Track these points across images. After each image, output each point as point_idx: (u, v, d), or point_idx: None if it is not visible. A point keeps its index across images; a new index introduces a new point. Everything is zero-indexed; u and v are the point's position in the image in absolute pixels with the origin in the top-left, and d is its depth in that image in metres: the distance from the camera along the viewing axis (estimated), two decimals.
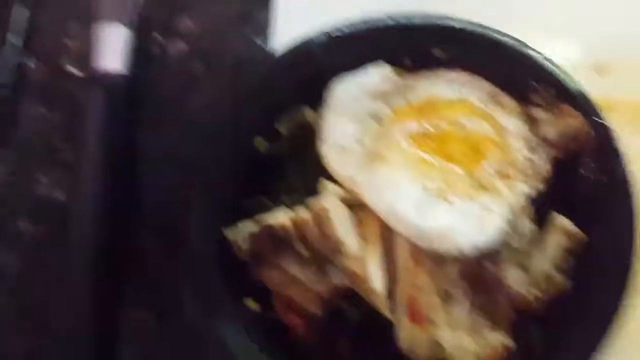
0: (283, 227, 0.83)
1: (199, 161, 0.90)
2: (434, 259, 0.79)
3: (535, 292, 0.83)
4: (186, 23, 1.19)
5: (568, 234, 0.85)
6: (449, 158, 0.82)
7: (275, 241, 0.83)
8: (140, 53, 1.15)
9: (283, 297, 0.84)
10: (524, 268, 0.83)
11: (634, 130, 1.00)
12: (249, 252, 0.85)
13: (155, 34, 1.18)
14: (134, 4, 1.14)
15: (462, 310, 0.80)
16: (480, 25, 0.93)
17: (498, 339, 0.81)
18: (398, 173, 0.81)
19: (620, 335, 0.80)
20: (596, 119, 0.87)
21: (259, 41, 1.16)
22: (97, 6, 1.13)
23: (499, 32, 0.93)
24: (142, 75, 1.14)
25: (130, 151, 1.09)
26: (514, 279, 0.82)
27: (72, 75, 1.16)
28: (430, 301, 0.79)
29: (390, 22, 0.94)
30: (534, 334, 0.84)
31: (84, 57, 1.15)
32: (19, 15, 1.19)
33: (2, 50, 1.16)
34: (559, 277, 0.84)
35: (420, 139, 0.84)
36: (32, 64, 1.17)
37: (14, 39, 1.17)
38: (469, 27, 0.93)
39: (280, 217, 0.84)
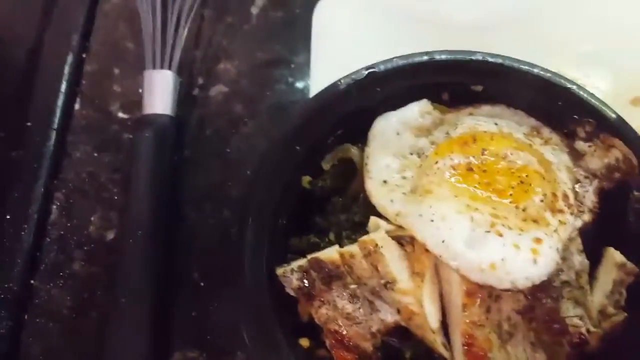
0: (332, 261, 0.76)
1: (247, 201, 0.83)
2: (488, 294, 0.71)
3: (590, 326, 0.75)
4: (227, 67, 1.15)
5: (621, 266, 0.77)
6: (497, 191, 0.75)
7: (325, 276, 0.76)
8: (184, 96, 1.11)
9: (333, 333, 0.77)
10: (578, 302, 0.75)
11: None
12: (299, 288, 0.78)
13: (198, 78, 1.14)
14: (179, 50, 1.09)
15: (519, 347, 0.73)
16: (516, 60, 0.86)
17: None
18: (446, 206, 0.74)
19: None
20: None
21: (297, 84, 1.12)
22: (145, 54, 1.09)
23: (535, 66, 0.86)
24: (186, 116, 1.10)
25: (177, 190, 1.04)
26: (569, 313, 0.74)
27: (119, 118, 1.11)
28: (487, 338, 0.71)
29: (427, 59, 0.88)
30: None
31: (131, 101, 1.12)
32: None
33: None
34: (613, 311, 0.77)
35: (466, 172, 0.77)
36: (80, 107, 1.13)
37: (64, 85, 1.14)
38: (505, 63, 0.86)
39: (329, 251, 0.78)
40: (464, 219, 0.72)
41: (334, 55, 1.09)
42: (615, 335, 0.77)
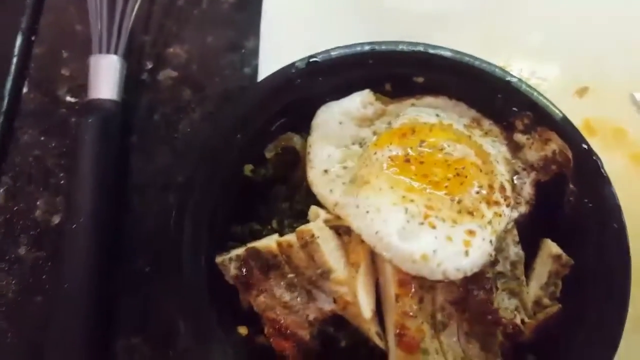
0: (270, 251, 0.77)
1: (189, 187, 0.83)
2: (421, 285, 0.72)
3: (525, 317, 0.76)
4: (176, 51, 1.14)
5: (556, 258, 0.79)
6: (433, 183, 0.76)
7: (263, 265, 0.77)
8: (132, 80, 1.10)
9: (272, 322, 0.77)
10: (514, 293, 0.77)
11: (614, 152, 0.95)
12: (237, 277, 0.78)
13: (146, 62, 1.13)
14: (126, 35, 1.08)
15: (452, 338, 0.74)
16: (459, 53, 0.87)
17: None
18: (382, 198, 0.74)
19: None
20: (578, 143, 0.81)
21: (247, 69, 1.12)
22: (92, 38, 1.07)
23: (477, 59, 0.87)
24: (134, 101, 1.09)
25: (123, 176, 1.03)
26: (503, 304, 0.76)
27: (67, 102, 1.10)
28: (420, 329, 0.72)
29: (370, 50, 0.88)
30: None
31: (79, 85, 1.10)
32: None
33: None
34: (548, 302, 0.78)
35: (403, 163, 0.77)
36: (27, 91, 1.12)
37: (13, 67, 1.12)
38: (447, 55, 0.87)
39: (267, 240, 0.78)
40: (398, 210, 0.73)
41: (283, 42, 1.09)
42: (549, 326, 0.78)
